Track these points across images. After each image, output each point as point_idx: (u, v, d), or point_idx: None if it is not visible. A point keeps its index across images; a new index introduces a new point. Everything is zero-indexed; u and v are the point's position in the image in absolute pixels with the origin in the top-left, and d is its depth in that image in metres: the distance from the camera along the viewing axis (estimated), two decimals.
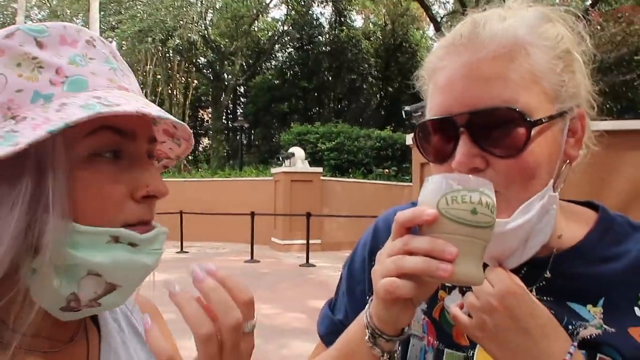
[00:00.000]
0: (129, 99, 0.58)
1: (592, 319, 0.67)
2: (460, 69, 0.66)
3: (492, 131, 0.64)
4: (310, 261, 10.67)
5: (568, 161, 0.69)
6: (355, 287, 0.90)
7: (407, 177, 14.68)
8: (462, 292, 0.73)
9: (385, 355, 0.67)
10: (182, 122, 0.66)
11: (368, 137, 17.48)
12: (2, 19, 25.45)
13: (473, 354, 0.73)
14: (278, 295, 7.52)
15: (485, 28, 0.66)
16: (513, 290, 0.61)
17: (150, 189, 0.60)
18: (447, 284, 0.77)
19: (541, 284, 0.71)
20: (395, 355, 0.69)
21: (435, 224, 0.57)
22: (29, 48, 0.57)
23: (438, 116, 0.67)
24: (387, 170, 16.16)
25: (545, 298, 0.70)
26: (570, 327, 0.67)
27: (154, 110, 0.58)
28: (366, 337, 0.67)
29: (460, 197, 0.57)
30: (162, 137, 0.72)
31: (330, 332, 0.89)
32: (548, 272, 0.70)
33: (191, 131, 0.71)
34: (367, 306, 0.69)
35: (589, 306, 0.68)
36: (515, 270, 0.69)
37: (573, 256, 0.71)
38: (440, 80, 0.68)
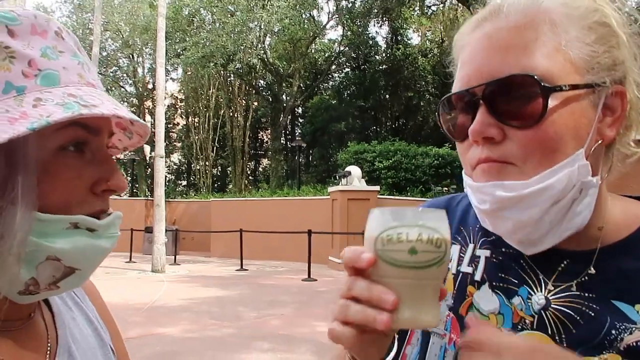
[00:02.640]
0: (101, 98, 0.59)
1: None
2: (481, 40, 0.64)
3: (509, 100, 0.60)
4: None
5: (602, 141, 0.63)
6: None
7: None
8: (492, 289, 0.70)
9: None
10: (145, 122, 0.68)
11: (426, 154, 17.26)
12: None
13: None
14: None
15: None
16: (539, 348, 0.53)
17: (111, 184, 0.61)
18: (475, 279, 0.73)
19: (583, 279, 0.64)
20: None
21: (375, 267, 0.52)
22: (1, 36, 0.56)
23: (458, 90, 0.66)
24: (446, 189, 15.82)
25: (586, 294, 0.63)
26: (613, 331, 0.59)
27: (126, 112, 0.60)
28: None
29: (396, 236, 0.51)
30: (114, 129, 0.74)
31: None
32: (592, 268, 0.64)
33: (150, 130, 0.73)
34: None
35: (638, 306, 0.60)
36: (554, 264, 0.65)
37: (620, 251, 0.64)
38: (464, 55, 0.67)
